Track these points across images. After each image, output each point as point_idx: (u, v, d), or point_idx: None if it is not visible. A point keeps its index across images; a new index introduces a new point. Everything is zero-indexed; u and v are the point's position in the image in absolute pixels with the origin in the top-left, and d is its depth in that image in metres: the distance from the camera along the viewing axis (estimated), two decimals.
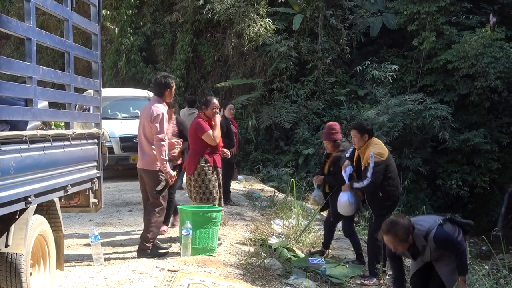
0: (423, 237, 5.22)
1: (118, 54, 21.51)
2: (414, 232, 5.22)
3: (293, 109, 18.48)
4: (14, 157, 4.17)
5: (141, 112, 7.09)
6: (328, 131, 7.87)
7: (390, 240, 5.24)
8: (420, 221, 5.43)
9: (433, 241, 5.21)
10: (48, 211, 5.11)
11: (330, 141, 7.81)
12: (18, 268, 4.45)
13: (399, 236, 5.17)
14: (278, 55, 18.91)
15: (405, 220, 5.28)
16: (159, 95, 6.79)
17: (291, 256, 7.29)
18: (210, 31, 21.05)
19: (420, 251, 5.29)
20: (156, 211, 6.72)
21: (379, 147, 7.14)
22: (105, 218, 8.93)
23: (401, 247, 5.24)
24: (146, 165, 6.75)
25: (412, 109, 16.47)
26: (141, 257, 6.59)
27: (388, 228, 5.25)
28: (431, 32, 17.91)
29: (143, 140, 6.75)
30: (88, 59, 6.22)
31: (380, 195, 7.07)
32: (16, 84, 4.34)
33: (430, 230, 5.23)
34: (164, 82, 6.76)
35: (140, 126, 6.84)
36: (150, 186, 6.75)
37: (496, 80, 16.77)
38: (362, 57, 19.18)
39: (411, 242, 5.25)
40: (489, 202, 17.41)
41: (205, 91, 20.60)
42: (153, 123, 6.55)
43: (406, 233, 5.18)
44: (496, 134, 17.47)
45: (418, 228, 5.27)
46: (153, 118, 6.56)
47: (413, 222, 5.36)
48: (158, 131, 6.54)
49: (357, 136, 7.17)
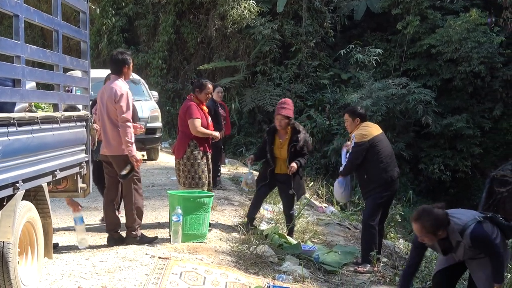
0: (459, 232, 4.84)
1: (99, 35, 21.19)
2: (450, 225, 4.85)
3: (276, 92, 18.37)
4: (1, 140, 3.95)
5: (100, 94, 6.41)
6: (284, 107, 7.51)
7: (418, 229, 4.87)
8: (458, 215, 5.00)
9: (469, 238, 4.81)
10: (36, 197, 4.91)
11: (284, 117, 7.47)
12: (6, 257, 4.25)
13: (427, 227, 4.81)
14: (262, 37, 18.75)
15: (439, 211, 4.86)
16: (118, 73, 6.31)
17: (283, 243, 7.16)
18: (193, 13, 20.78)
19: (454, 246, 4.93)
20: (132, 194, 6.35)
21: (364, 129, 7.05)
22: (90, 202, 8.72)
23: (428, 239, 4.89)
24: (115, 151, 6.26)
25: (396, 93, 16.42)
26: (130, 244, 6.35)
27: (417, 216, 4.87)
28: (415, 16, 17.87)
29: (108, 124, 6.25)
30: (76, 38, 5.96)
31: (365, 177, 7.00)
32: (3, 64, 4.10)
33: (468, 226, 4.84)
34: (121, 59, 6.28)
35: (100, 110, 6.34)
36: (120, 171, 6.30)
37: (480, 65, 16.84)
38: (346, 41, 19.09)
39: (444, 236, 4.89)
40: (471, 187, 17.49)
41: (187, 73, 20.37)
42: (117, 103, 6.09)
43: (435, 225, 4.80)
44: (479, 119, 17.56)
45: (455, 221, 4.88)
46: (117, 98, 6.10)
47: (450, 214, 4.94)
48: (123, 111, 6.10)
49: (348, 120, 7.19)
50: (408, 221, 13.40)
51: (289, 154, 7.46)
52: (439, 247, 5.03)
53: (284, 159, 7.49)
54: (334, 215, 10.15)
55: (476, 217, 4.92)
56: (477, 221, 4.88)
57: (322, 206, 11.13)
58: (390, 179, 7.03)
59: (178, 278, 5.39)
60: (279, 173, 7.56)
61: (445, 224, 4.84)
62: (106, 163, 6.49)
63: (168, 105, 20.15)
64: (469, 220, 4.89)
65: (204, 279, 5.52)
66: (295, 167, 7.36)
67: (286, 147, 7.49)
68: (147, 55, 21.09)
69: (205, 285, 5.39)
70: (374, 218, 7.01)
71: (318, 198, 12.17)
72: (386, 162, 7.05)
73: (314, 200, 11.64)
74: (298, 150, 7.45)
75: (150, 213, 8.16)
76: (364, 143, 6.91)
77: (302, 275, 6.16)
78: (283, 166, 7.51)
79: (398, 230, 10.37)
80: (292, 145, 7.44)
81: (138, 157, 6.27)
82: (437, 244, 5.00)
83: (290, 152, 7.45)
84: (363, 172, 7.03)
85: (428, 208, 4.96)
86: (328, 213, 10.25)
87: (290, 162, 7.41)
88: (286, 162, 7.46)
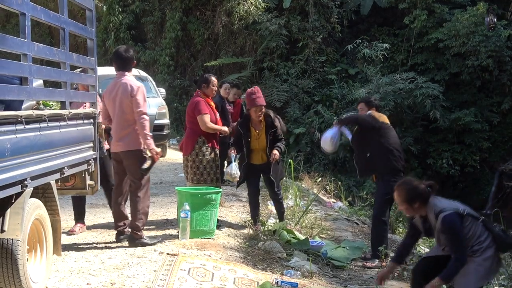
0: (435, 213, 4.78)
1: (106, 32, 21.21)
2: (428, 203, 4.82)
3: (283, 88, 18.33)
4: (9, 138, 3.96)
5: (108, 92, 6.31)
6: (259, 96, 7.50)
7: (396, 195, 4.94)
8: (443, 201, 4.95)
9: (440, 220, 4.73)
10: (44, 194, 4.92)
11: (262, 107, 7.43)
12: (15, 254, 4.26)
13: (402, 195, 4.84)
14: (269, 33, 18.71)
15: (421, 185, 4.85)
16: (126, 69, 6.28)
17: (291, 239, 7.16)
18: (200, 9, 20.78)
19: (432, 227, 4.87)
20: (140, 196, 6.26)
21: (376, 114, 7.16)
22: (98, 199, 8.75)
23: (405, 208, 4.89)
24: (129, 146, 6.19)
25: (403, 88, 16.36)
26: (133, 247, 6.23)
27: (399, 183, 4.97)
28: (422, 11, 17.78)
29: (121, 120, 6.19)
30: (83, 35, 5.97)
31: (368, 155, 7.01)
32: (11, 62, 4.11)
33: (444, 210, 4.76)
34: (131, 56, 6.30)
35: (111, 107, 6.26)
36: (134, 168, 6.23)
37: (487, 58, 16.74)
38: (353, 36, 19.03)
39: (423, 214, 4.87)
40: (480, 181, 17.43)
41: (195, 70, 20.38)
42: (134, 97, 6.07)
43: (411, 195, 4.80)
44: (487, 113, 17.46)
45: (435, 202, 4.84)
46: (134, 91, 6.07)
47: (435, 197, 4.88)
48: (140, 105, 6.09)
49: (364, 109, 7.30)
50: None
51: (268, 142, 7.41)
52: (422, 226, 4.98)
53: (263, 149, 7.43)
54: (342, 210, 10.15)
55: (460, 209, 4.81)
56: (456, 212, 4.77)
57: (330, 201, 11.12)
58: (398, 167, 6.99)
59: (186, 274, 5.40)
60: (260, 163, 7.49)
61: (421, 198, 4.80)
62: (116, 161, 6.42)
63: (176, 101, 20.18)
64: (450, 207, 4.81)
65: (212, 275, 5.53)
66: (278, 155, 7.33)
67: (264, 136, 7.42)
68: (154, 52, 21.11)
69: (214, 281, 5.40)
70: (384, 213, 7.02)
71: (326, 194, 12.16)
72: (395, 149, 7.02)
73: (322, 195, 11.63)
74: (275, 136, 7.42)
75: (158, 210, 8.18)
76: (377, 120, 7.00)
77: (310, 271, 6.16)
78: (263, 155, 7.45)
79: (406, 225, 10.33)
80: (270, 132, 7.39)
81: (157, 150, 6.24)
82: (420, 222, 4.96)
83: (269, 140, 7.40)
84: (367, 150, 7.02)
85: (408, 179, 5.05)
86: (336, 208, 10.25)
87: (271, 150, 7.35)
88: (265, 151, 7.40)
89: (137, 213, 6.26)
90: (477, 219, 4.83)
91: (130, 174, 6.29)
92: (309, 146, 17.06)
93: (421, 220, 4.95)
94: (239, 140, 7.51)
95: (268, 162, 7.39)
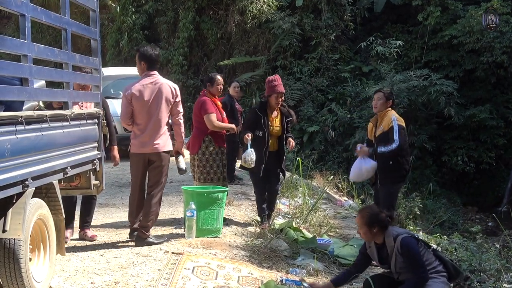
0: (393, 237, 4.98)
1: (120, 33, 21.34)
2: (387, 231, 5.02)
3: (297, 86, 18.27)
4: (9, 139, 3.99)
5: (143, 92, 6.20)
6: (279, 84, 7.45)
7: (358, 219, 5.17)
8: (399, 229, 5.35)
9: (399, 242, 4.92)
10: (47, 194, 4.94)
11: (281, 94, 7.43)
12: (17, 254, 4.29)
13: (364, 217, 5.04)
14: (282, 32, 18.67)
15: (382, 214, 5.07)
16: (156, 69, 6.37)
17: (298, 237, 7.14)
18: (213, 8, 20.81)
19: (389, 253, 5.01)
20: (158, 197, 6.39)
21: (398, 117, 7.13)
22: (108, 199, 8.79)
23: (364, 232, 5.05)
24: (165, 147, 6.34)
25: (417, 85, 16.20)
26: (139, 246, 6.24)
27: (363, 207, 5.28)
28: (436, 7, 17.62)
29: (160, 121, 6.25)
30: (86, 36, 6.00)
31: (390, 163, 6.98)
32: (10, 63, 4.14)
33: (402, 234, 5.04)
34: (158, 55, 6.40)
35: (147, 107, 6.21)
36: (163, 169, 6.36)
37: (502, 55, 16.55)
38: (366, 33, 18.90)
39: (380, 241, 5.04)
40: (495, 178, 17.26)
41: (208, 69, 20.42)
42: (177, 99, 6.29)
43: (372, 219, 5.00)
44: (502, 110, 17.27)
45: (394, 229, 5.13)
46: (177, 92, 6.30)
47: (393, 226, 5.18)
48: (181, 106, 6.35)
49: (382, 99, 7.20)
50: (431, 213, 13.32)
51: (284, 130, 7.49)
52: (376, 254, 5.14)
53: (277, 136, 7.49)
54: (352, 208, 10.09)
55: (415, 235, 5.19)
56: (412, 236, 5.14)
57: (341, 199, 11.07)
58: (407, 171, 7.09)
59: (190, 273, 5.41)
60: (271, 150, 7.51)
61: (381, 224, 5.01)
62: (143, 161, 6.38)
63: (189, 101, 20.20)
64: (407, 232, 5.20)
65: (216, 273, 5.53)
66: (294, 142, 7.51)
67: (279, 124, 7.47)
68: (168, 52, 21.18)
69: (218, 280, 5.41)
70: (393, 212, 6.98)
71: (338, 192, 12.11)
72: (408, 153, 7.08)
73: (333, 194, 11.59)
74: (287, 127, 7.53)
75: (167, 209, 8.21)
76: (404, 128, 7.04)
77: (316, 269, 6.15)
78: (275, 143, 7.51)
79: (417, 223, 10.28)
80: (287, 121, 7.48)
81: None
82: (374, 249, 5.13)
83: (285, 127, 7.49)
84: (389, 158, 6.97)
85: (373, 206, 5.48)
86: (346, 207, 10.20)
87: (286, 138, 7.49)
88: (277, 139, 7.49)
89: (150, 212, 6.31)
90: (429, 247, 5.15)
91: (159, 174, 6.38)
92: (323, 144, 17.01)
93: (376, 249, 5.13)
94: (254, 124, 7.43)
95: (279, 150, 7.51)
